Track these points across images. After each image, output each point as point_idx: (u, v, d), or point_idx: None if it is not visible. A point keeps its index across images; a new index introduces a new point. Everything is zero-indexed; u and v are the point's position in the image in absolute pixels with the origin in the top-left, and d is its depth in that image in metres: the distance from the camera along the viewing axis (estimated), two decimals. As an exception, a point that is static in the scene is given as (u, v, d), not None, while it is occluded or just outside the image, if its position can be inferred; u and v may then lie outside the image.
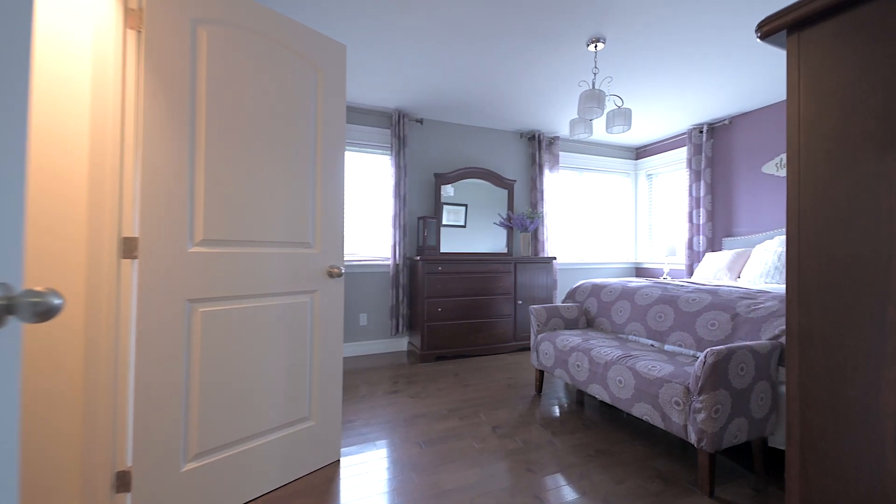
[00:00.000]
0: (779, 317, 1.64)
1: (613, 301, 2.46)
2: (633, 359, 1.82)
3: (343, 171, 1.72)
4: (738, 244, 3.51)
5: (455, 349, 3.27)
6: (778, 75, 2.84)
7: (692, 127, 3.86)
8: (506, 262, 3.51)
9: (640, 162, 4.63)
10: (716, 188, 3.79)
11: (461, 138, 3.87)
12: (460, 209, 3.76)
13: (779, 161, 3.25)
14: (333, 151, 1.68)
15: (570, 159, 4.36)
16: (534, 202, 4.08)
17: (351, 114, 3.42)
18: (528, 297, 3.62)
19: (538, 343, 2.44)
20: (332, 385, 1.67)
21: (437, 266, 3.22)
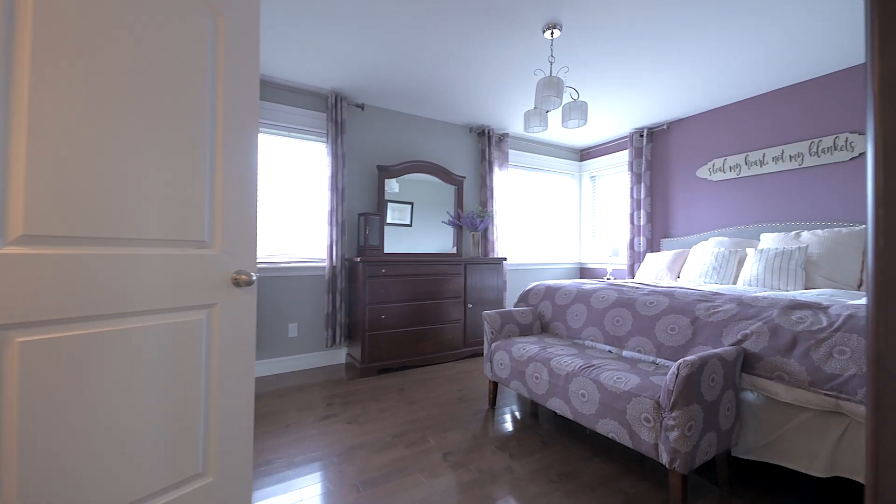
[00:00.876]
0: (739, 321, 1.59)
1: (569, 304, 2.34)
2: (596, 369, 1.67)
3: (256, 149, 1.34)
4: (674, 245, 3.64)
5: (400, 360, 2.96)
6: (712, 83, 2.94)
7: (633, 130, 3.95)
8: (455, 264, 3.29)
9: (585, 164, 4.69)
10: (654, 191, 3.91)
11: (407, 129, 3.57)
12: (406, 207, 3.46)
13: (711, 166, 3.41)
14: (241, 123, 1.30)
15: (519, 158, 4.26)
16: (483, 200, 3.91)
17: (279, 92, 2.95)
18: (479, 300, 3.42)
19: (492, 353, 2.23)
20: (238, 425, 1.29)
21: (381, 268, 2.89)
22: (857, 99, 2.60)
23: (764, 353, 1.46)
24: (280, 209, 3.00)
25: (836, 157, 2.68)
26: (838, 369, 1.28)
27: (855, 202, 2.60)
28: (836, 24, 2.17)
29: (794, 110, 2.90)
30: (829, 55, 2.51)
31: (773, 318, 1.50)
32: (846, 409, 1.24)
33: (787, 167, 2.93)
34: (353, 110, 3.26)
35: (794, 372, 1.36)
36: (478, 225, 3.58)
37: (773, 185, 3.02)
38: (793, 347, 1.40)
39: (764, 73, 2.76)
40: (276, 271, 2.91)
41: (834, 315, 1.41)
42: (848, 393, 1.24)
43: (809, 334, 1.38)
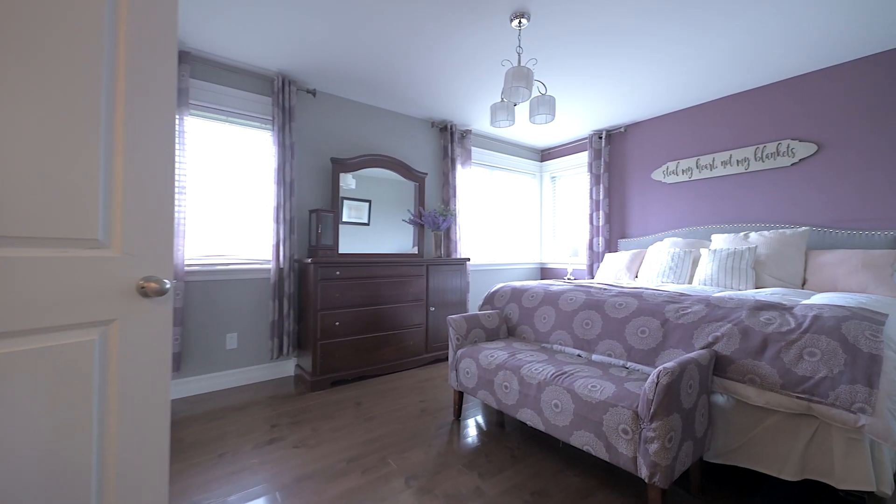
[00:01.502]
0: (708, 322, 1.56)
1: (536, 307, 2.25)
2: (569, 377, 1.57)
3: (172, 127, 1.07)
4: (631, 245, 3.72)
5: (357, 370, 2.73)
6: (666, 88, 3.01)
7: (593, 132, 4.00)
8: (417, 265, 3.10)
9: (546, 164, 4.70)
10: (612, 192, 3.98)
11: (365, 120, 3.33)
12: (363, 205, 3.22)
13: (665, 169, 3.52)
14: (153, 92, 1.03)
15: (482, 156, 4.17)
16: (446, 199, 3.76)
17: (216, 71, 2.60)
18: (441, 303, 3.27)
19: (458, 360, 2.08)
20: (147, 470, 1.02)
21: (335, 270, 2.64)
22: (799, 108, 2.76)
23: (735, 355, 1.43)
24: (217, 203, 2.65)
25: (778, 162, 2.84)
26: (809, 371, 1.27)
27: (796, 205, 2.77)
28: (779, 37, 2.27)
29: (742, 117, 3.04)
30: (775, 66, 2.64)
31: (743, 319, 1.49)
32: (817, 411, 1.23)
33: (734, 171, 3.07)
34: (304, 96, 2.97)
35: (766, 375, 1.34)
36: (440, 224, 3.43)
37: (723, 188, 3.15)
38: (763, 349, 1.38)
39: (714, 80, 2.86)
40: (211, 275, 2.56)
41: (800, 316, 1.42)
42: (819, 395, 1.23)
43: (779, 336, 1.37)
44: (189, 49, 2.43)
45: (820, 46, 2.41)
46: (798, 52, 2.48)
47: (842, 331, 1.27)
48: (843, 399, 1.18)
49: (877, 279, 2.13)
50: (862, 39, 2.32)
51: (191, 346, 2.51)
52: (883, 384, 1.14)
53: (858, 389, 1.16)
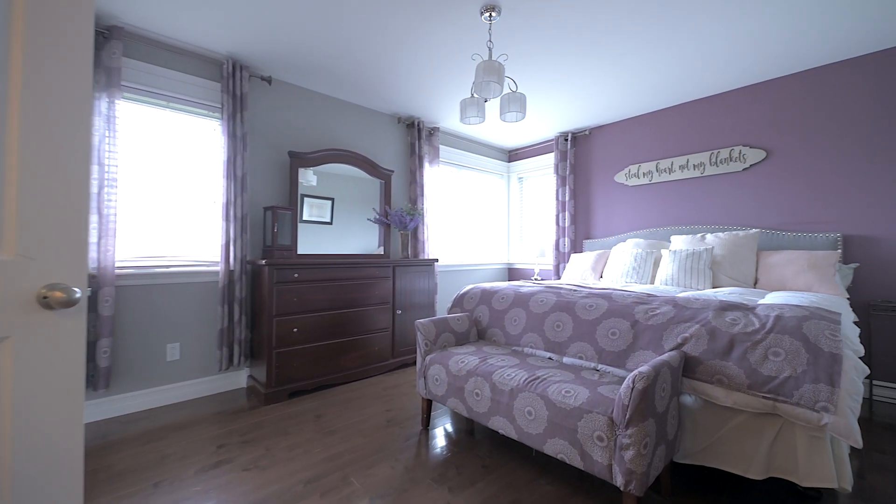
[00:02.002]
0: (677, 323, 1.57)
1: (507, 309, 2.19)
2: (542, 383, 1.52)
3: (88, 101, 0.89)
4: (596, 246, 3.79)
5: (317, 378, 2.55)
6: (630, 93, 3.08)
7: (559, 134, 4.04)
8: (383, 266, 2.97)
9: (513, 164, 4.70)
10: (578, 193, 4.05)
11: (327, 113, 3.14)
12: (325, 203, 3.04)
13: (627, 172, 3.61)
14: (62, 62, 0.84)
15: (450, 154, 4.09)
16: (413, 197, 3.64)
17: (155, 51, 2.33)
18: (409, 305, 3.15)
19: (426, 367, 1.98)
20: (49, 524, 0.83)
21: (293, 272, 2.45)
22: (750, 115, 2.91)
23: (703, 356, 1.44)
24: (158, 199, 2.37)
25: (731, 167, 2.99)
26: (774, 371, 1.29)
27: (748, 208, 2.92)
28: (732, 48, 2.37)
29: (699, 123, 3.17)
30: (728, 75, 2.77)
31: (710, 320, 1.50)
32: (782, 410, 1.25)
33: (691, 175, 3.20)
34: (258, 84, 2.74)
35: (733, 375, 1.36)
36: (407, 224, 3.31)
37: (681, 191, 3.28)
38: (730, 350, 1.39)
39: (673, 86, 2.96)
40: (149, 278, 2.29)
41: (763, 316, 1.45)
42: (784, 395, 1.25)
43: (745, 336, 1.38)
44: (122, 24, 2.15)
45: (769, 58, 2.54)
46: (749, 63, 2.61)
47: (803, 330, 1.30)
48: (806, 398, 1.20)
49: (821, 279, 2.26)
50: (807, 53, 2.47)
51: (124, 359, 2.23)
52: (844, 383, 1.17)
53: (821, 388, 1.19)
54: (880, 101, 2.39)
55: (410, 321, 3.16)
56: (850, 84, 2.49)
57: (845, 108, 2.51)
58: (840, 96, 2.53)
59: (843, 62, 2.52)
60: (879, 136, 2.39)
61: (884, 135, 2.38)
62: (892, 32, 2.23)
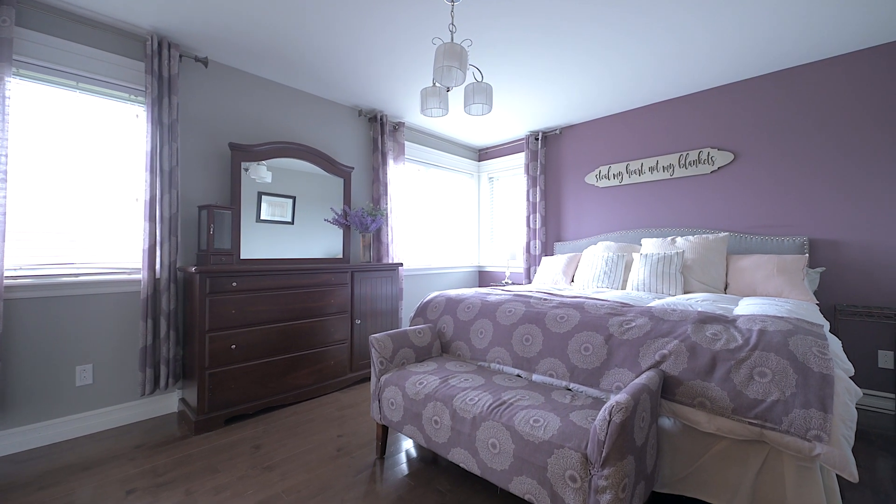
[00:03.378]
0: (654, 338, 1.42)
1: (472, 320, 2.00)
2: (508, 409, 1.33)
3: None
4: (566, 248, 3.68)
5: (260, 400, 2.26)
6: (600, 92, 2.98)
7: (529, 133, 3.91)
8: (341, 271, 2.71)
9: (483, 164, 4.54)
10: (548, 194, 3.93)
11: (277, 102, 2.84)
12: (286, 202, 2.76)
13: (597, 173, 3.52)
14: None
15: (416, 151, 3.86)
16: (376, 197, 3.40)
17: (57, 19, 1.97)
18: (370, 313, 2.90)
19: (381, 388, 1.75)
20: None
21: (231, 280, 2.15)
22: (718, 117, 2.87)
23: (683, 376, 1.30)
24: (63, 195, 2.01)
25: (700, 169, 2.94)
26: (761, 394, 1.16)
27: (716, 211, 2.87)
28: (702, 49, 2.29)
29: (668, 124, 3.12)
30: (697, 76, 2.71)
31: (689, 334, 1.36)
32: (770, 438, 1.12)
33: (661, 177, 3.14)
34: (191, 65, 2.41)
35: (716, 398, 1.22)
36: (369, 225, 3.06)
37: (651, 193, 3.21)
38: (713, 369, 1.26)
39: (644, 86, 2.88)
40: (51, 289, 1.93)
41: (745, 330, 1.32)
42: (772, 421, 1.12)
43: (728, 354, 1.25)
44: (13, -15, 1.79)
45: (737, 60, 2.49)
46: (719, 62, 2.55)
47: (790, 347, 1.18)
48: (797, 425, 1.07)
49: (790, 283, 2.22)
50: (775, 54, 2.43)
51: (19, 386, 1.86)
52: (837, 408, 1.05)
53: (813, 414, 1.06)
54: (846, 104, 2.38)
55: (371, 331, 2.92)
56: (817, 87, 2.48)
57: (811, 112, 2.50)
58: (806, 99, 2.51)
59: (810, 65, 2.50)
60: (845, 139, 2.39)
61: (849, 138, 2.37)
62: (857, 36, 2.22)
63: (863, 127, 2.33)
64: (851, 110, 2.36)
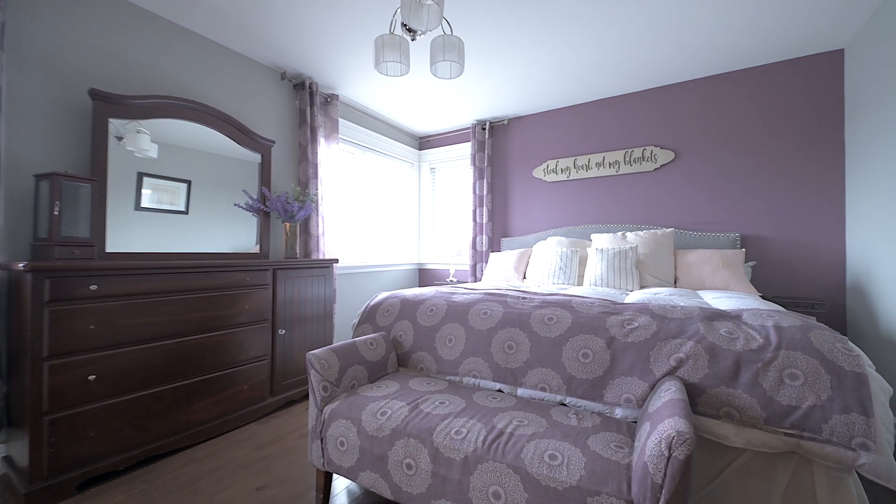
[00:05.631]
0: (664, 340, 1.24)
1: (438, 325, 1.65)
2: (510, 441, 1.02)
3: None
4: (514, 244, 3.54)
5: (137, 450, 1.61)
6: (549, 84, 2.87)
7: (476, 122, 3.69)
8: (259, 269, 2.13)
9: (425, 153, 4.20)
10: (495, 188, 3.75)
11: (170, 47, 2.14)
12: (178, 187, 2.08)
13: (545, 167, 3.44)
14: None
15: (352, 132, 3.36)
16: (304, 180, 2.83)
17: None
18: (296, 320, 2.36)
19: (325, 423, 1.30)
20: None
21: (89, 282, 1.48)
22: (660, 116, 2.95)
23: (705, 383, 1.13)
24: None
25: (644, 166, 3.00)
26: (795, 400, 1.02)
27: (660, 207, 2.95)
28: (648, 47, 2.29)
29: (614, 121, 3.14)
30: (642, 74, 2.74)
31: (703, 334, 1.21)
32: (808, 449, 0.98)
33: (607, 173, 3.15)
34: (27, -32, 1.64)
35: (745, 406, 1.06)
36: (295, 212, 2.50)
37: (599, 189, 3.21)
38: (737, 373, 1.10)
39: (592, 81, 2.84)
40: None
41: (758, 327, 1.20)
42: (811, 430, 0.98)
43: (752, 355, 1.11)
44: None
45: (679, 62, 2.55)
46: (662, 65, 2.60)
47: (815, 345, 1.08)
48: (839, 433, 0.95)
49: (735, 277, 2.31)
50: (711, 60, 2.54)
51: None
52: (876, 410, 0.95)
53: (855, 420, 0.95)
54: (776, 111, 2.58)
55: (298, 342, 2.38)
56: (750, 93, 2.65)
57: (743, 116, 2.67)
58: (740, 104, 2.68)
59: (742, 71, 2.67)
60: (771, 143, 2.58)
61: (775, 143, 2.57)
62: (781, 48, 2.40)
63: (786, 133, 2.54)
64: (777, 117, 2.57)
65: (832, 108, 2.41)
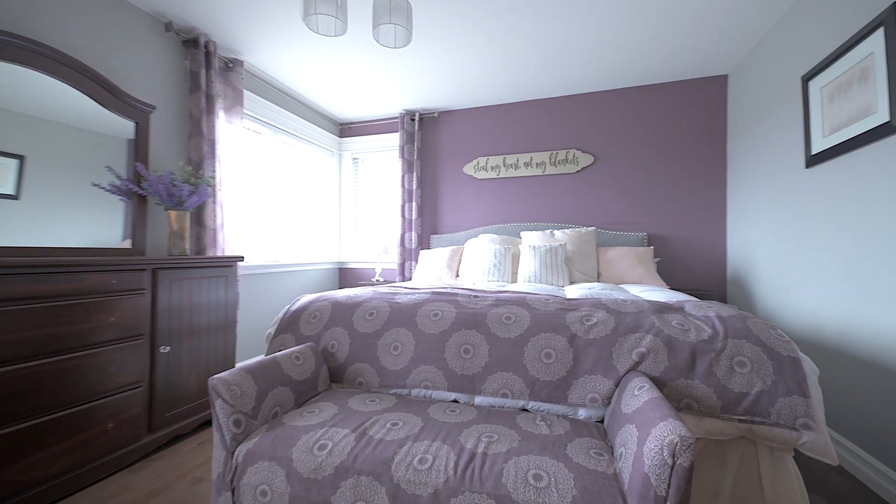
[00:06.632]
0: (624, 334, 1.22)
1: (380, 330, 1.43)
2: (486, 464, 0.87)
3: None
4: (444, 242, 3.43)
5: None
6: (481, 79, 2.84)
7: (404, 112, 3.48)
8: (131, 268, 1.62)
9: (346, 141, 3.84)
10: (425, 182, 3.59)
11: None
12: (5, 163, 1.47)
13: (476, 164, 3.40)
14: None
15: (260, 108, 2.87)
16: (197, 159, 2.30)
17: None
18: (186, 333, 1.87)
19: (240, 469, 0.99)
20: None
21: None
22: (583, 121, 3.12)
23: (666, 375, 1.12)
24: None
25: (567, 168, 3.14)
26: (744, 386, 1.06)
27: (583, 207, 3.12)
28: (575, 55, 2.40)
29: (542, 122, 3.23)
30: (569, 79, 2.86)
31: (659, 326, 1.21)
32: (758, 433, 1.03)
33: (535, 173, 3.23)
34: None
35: (703, 396, 1.08)
36: (184, 198, 2.00)
37: (526, 188, 3.28)
38: (693, 365, 1.12)
39: (523, 81, 2.88)
40: None
41: (702, 317, 1.25)
42: (761, 414, 1.03)
43: (705, 345, 1.14)
44: None
45: (597, 71, 2.73)
46: (583, 73, 2.75)
47: (754, 332, 1.15)
48: (784, 415, 1.01)
49: (648, 272, 2.52)
50: (627, 73, 2.76)
51: None
52: (811, 391, 1.03)
53: (796, 402, 1.02)
54: (675, 124, 2.90)
55: (189, 361, 1.90)
56: (655, 106, 2.95)
57: (650, 127, 2.96)
58: (647, 116, 2.96)
59: (650, 86, 2.96)
60: (672, 154, 2.91)
61: (675, 153, 2.90)
62: (683, 69, 2.71)
63: (683, 144, 2.88)
64: (676, 130, 2.90)
65: (719, 124, 2.81)
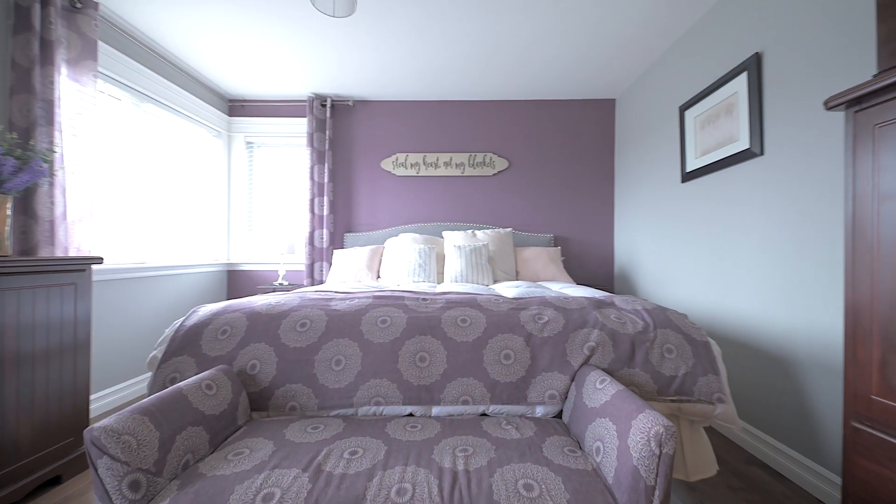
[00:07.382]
0: (574, 331, 1.27)
1: (317, 343, 1.22)
2: (472, 486, 0.79)
3: None
4: (359, 241, 3.20)
5: None
6: (402, 72, 2.75)
7: (314, 96, 3.14)
8: None
9: (238, 121, 3.28)
10: (337, 176, 3.30)
11: None
12: None
13: (395, 160, 3.27)
14: None
15: (120, 67, 2.23)
16: (25, 126, 1.66)
17: None
18: (13, 362, 1.32)
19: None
20: None
21: None
22: (499, 127, 3.25)
23: (613, 366, 1.21)
24: None
25: (485, 171, 3.25)
26: (673, 370, 1.21)
27: (499, 209, 3.25)
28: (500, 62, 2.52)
29: (463, 124, 3.27)
30: (490, 85, 2.96)
31: (602, 321, 1.30)
32: (685, 410, 1.18)
33: (454, 173, 3.26)
34: None
35: (643, 382, 1.19)
36: (5, 175, 1.42)
37: (447, 188, 3.28)
38: (633, 354, 1.23)
39: (447, 80, 2.88)
40: None
41: (632, 311, 1.39)
42: (686, 393, 1.18)
43: (641, 336, 1.26)
44: None
45: (513, 81, 2.89)
46: (500, 80, 2.88)
47: (674, 322, 1.32)
48: (704, 392, 1.18)
49: (558, 270, 2.76)
50: (540, 86, 2.99)
51: None
52: (720, 369, 1.22)
53: (712, 380, 1.19)
54: (575, 137, 3.23)
55: (22, 399, 1.35)
56: (561, 120, 3.24)
57: (556, 138, 3.25)
58: (555, 127, 3.24)
59: (558, 101, 3.24)
60: (572, 163, 3.24)
61: (574, 163, 3.24)
62: (583, 90, 3.05)
63: (581, 156, 3.24)
64: (576, 142, 3.24)
65: (608, 141, 3.24)
